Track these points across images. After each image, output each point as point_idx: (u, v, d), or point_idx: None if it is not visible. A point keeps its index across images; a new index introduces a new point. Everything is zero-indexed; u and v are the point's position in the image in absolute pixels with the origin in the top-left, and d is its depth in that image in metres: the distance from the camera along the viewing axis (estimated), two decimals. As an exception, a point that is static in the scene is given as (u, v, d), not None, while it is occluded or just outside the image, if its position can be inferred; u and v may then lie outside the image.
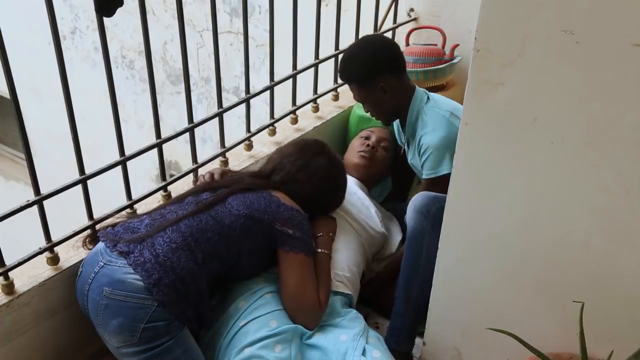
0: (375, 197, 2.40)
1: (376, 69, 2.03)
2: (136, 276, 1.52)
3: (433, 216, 1.86)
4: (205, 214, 1.66)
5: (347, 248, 1.99)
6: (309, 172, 1.88)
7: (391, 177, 2.47)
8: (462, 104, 1.44)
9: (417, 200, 1.94)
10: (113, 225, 1.69)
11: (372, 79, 2.04)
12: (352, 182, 2.24)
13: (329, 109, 2.59)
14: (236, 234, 1.66)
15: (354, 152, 2.33)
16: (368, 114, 2.22)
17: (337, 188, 2.01)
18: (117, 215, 1.82)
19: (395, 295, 1.96)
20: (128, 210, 1.88)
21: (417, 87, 2.14)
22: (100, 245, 1.62)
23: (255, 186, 1.78)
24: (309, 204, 1.85)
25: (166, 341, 1.52)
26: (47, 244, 1.69)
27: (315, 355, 1.68)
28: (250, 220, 1.68)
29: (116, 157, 1.81)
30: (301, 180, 1.86)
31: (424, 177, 2.07)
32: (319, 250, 1.85)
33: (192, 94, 2.00)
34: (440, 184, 1.94)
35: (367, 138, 2.35)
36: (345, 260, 1.95)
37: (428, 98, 2.10)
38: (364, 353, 1.67)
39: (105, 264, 1.56)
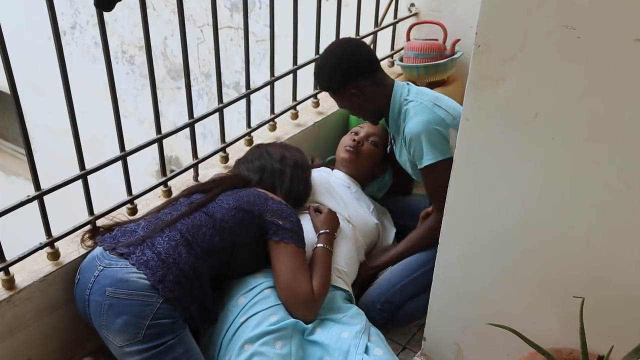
0: (374, 192, 2.40)
1: (345, 76, 2.00)
2: (140, 274, 1.53)
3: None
4: (199, 211, 1.71)
5: (343, 241, 1.99)
6: (267, 155, 1.99)
7: (391, 171, 2.46)
8: (463, 99, 1.43)
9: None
10: (110, 231, 1.71)
11: (344, 86, 2.02)
12: (342, 175, 2.27)
13: (330, 104, 2.57)
14: (229, 226, 1.70)
15: (342, 147, 2.33)
16: None
17: (285, 151, 2.04)
18: (113, 213, 1.83)
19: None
20: (128, 205, 1.88)
21: (395, 81, 2.08)
22: (97, 250, 1.64)
23: (243, 184, 1.86)
24: (281, 184, 1.93)
25: (169, 340, 1.53)
26: (47, 239, 1.69)
27: (317, 352, 1.68)
28: (241, 212, 1.73)
29: (116, 152, 1.82)
30: (271, 166, 1.95)
31: (419, 168, 1.99)
32: (321, 245, 1.86)
33: (192, 89, 2.00)
34: (436, 171, 1.90)
35: (357, 133, 2.34)
36: (342, 254, 1.95)
37: (409, 91, 2.03)
38: (366, 351, 1.67)
39: (104, 267, 1.57)
